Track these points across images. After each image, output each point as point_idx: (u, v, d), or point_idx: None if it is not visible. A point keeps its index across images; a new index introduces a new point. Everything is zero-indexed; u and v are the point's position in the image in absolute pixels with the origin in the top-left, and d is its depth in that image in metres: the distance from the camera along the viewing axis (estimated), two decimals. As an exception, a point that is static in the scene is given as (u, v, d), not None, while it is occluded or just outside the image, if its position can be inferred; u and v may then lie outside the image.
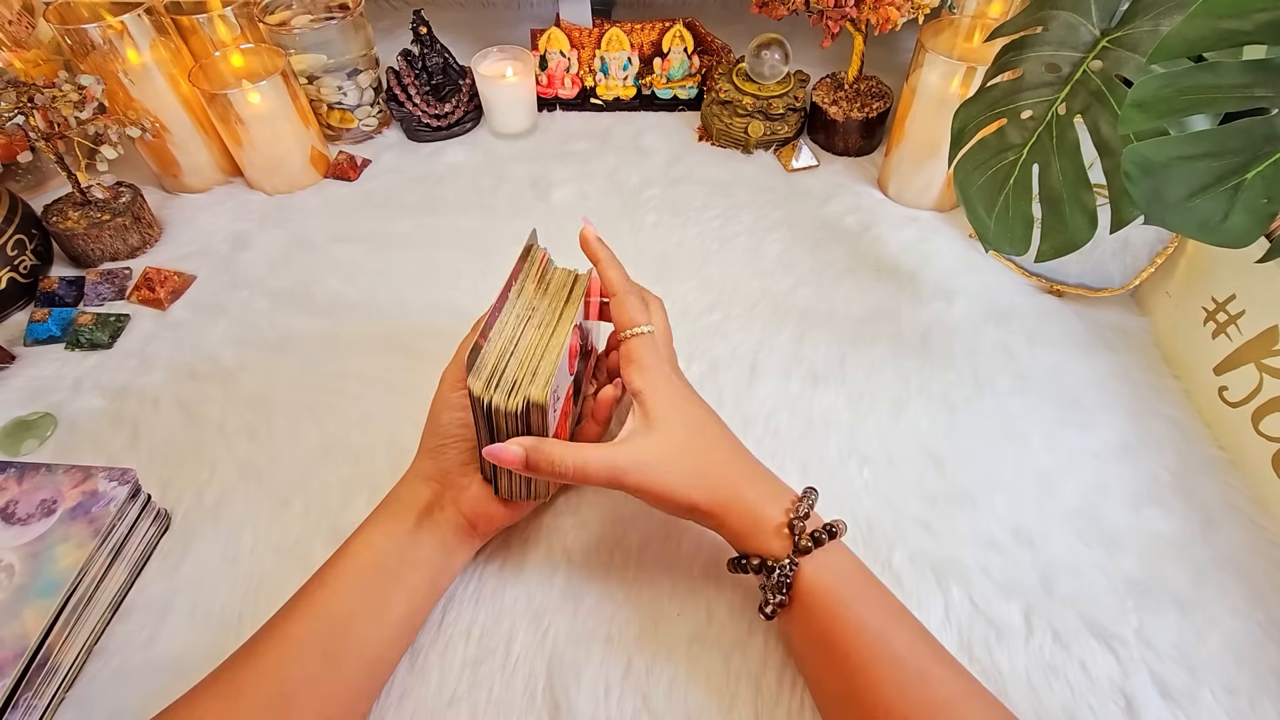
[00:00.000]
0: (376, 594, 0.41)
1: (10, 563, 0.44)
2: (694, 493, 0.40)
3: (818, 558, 0.38)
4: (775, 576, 0.38)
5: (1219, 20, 0.33)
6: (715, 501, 0.40)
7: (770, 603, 0.39)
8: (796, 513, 0.39)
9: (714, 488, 0.40)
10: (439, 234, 0.74)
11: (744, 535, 0.40)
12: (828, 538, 0.38)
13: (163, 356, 0.63)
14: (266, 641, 0.39)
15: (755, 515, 0.40)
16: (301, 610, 0.40)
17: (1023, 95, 0.51)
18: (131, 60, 0.71)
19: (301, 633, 0.39)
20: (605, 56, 0.87)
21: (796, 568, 0.38)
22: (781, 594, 0.38)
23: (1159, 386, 0.59)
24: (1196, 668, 0.43)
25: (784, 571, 0.38)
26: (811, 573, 0.38)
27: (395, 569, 0.42)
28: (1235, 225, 0.36)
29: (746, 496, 0.40)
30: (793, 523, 0.39)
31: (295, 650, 0.38)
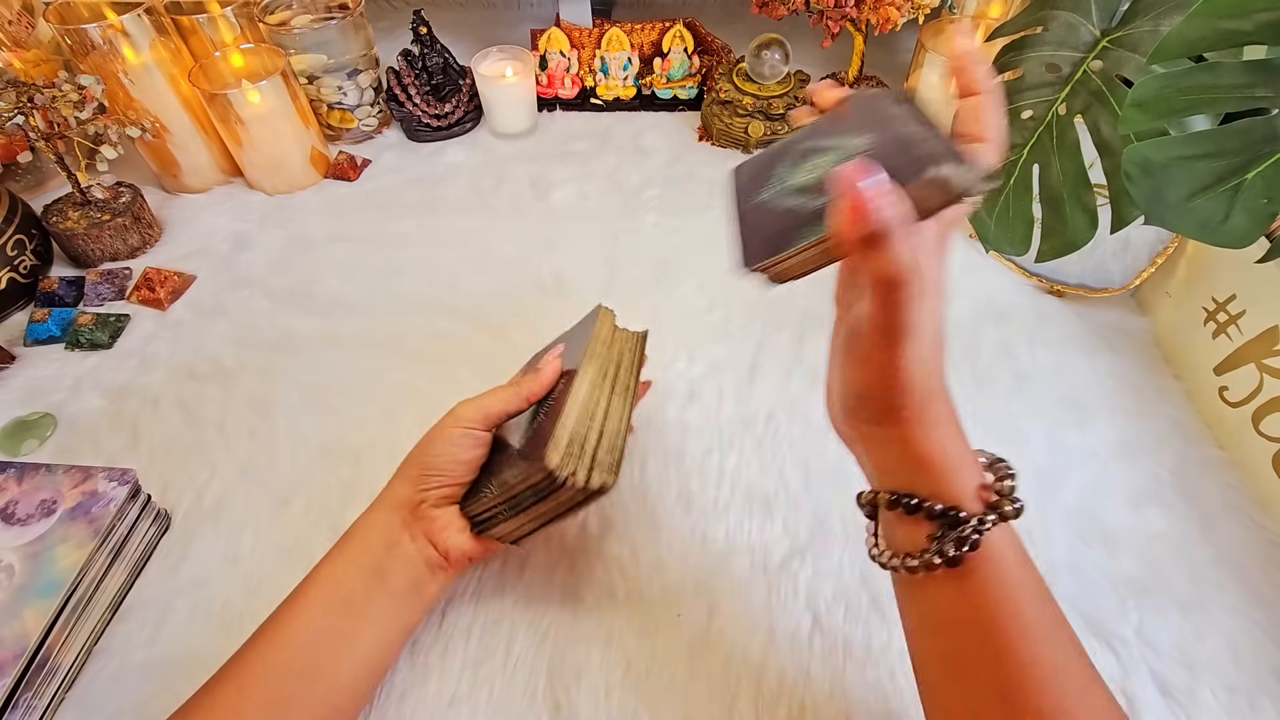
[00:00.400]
0: (342, 632, 0.39)
1: (10, 563, 0.44)
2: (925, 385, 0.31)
3: (1004, 531, 0.32)
4: (965, 531, 0.31)
5: (1219, 20, 0.33)
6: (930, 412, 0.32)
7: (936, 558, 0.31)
8: (1001, 471, 0.33)
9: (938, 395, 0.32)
10: (439, 234, 0.74)
11: (932, 470, 0.32)
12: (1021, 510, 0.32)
13: (163, 356, 0.63)
14: (225, 686, 0.37)
15: (961, 452, 0.33)
16: (260, 651, 0.38)
17: (1023, 95, 0.51)
18: (131, 60, 0.71)
19: (261, 674, 0.37)
20: (605, 56, 0.87)
21: (988, 530, 0.31)
22: (960, 550, 0.31)
23: (1159, 386, 0.59)
24: (1196, 667, 0.43)
25: (975, 529, 0.31)
26: (999, 544, 0.31)
27: (362, 605, 0.40)
28: (1235, 225, 0.37)
29: (957, 426, 0.33)
30: (999, 480, 0.33)
31: (255, 693, 0.36)
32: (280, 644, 0.38)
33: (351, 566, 0.41)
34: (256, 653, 0.38)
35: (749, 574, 0.48)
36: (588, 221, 0.75)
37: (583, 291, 0.68)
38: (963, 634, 0.32)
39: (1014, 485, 0.33)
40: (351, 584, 0.40)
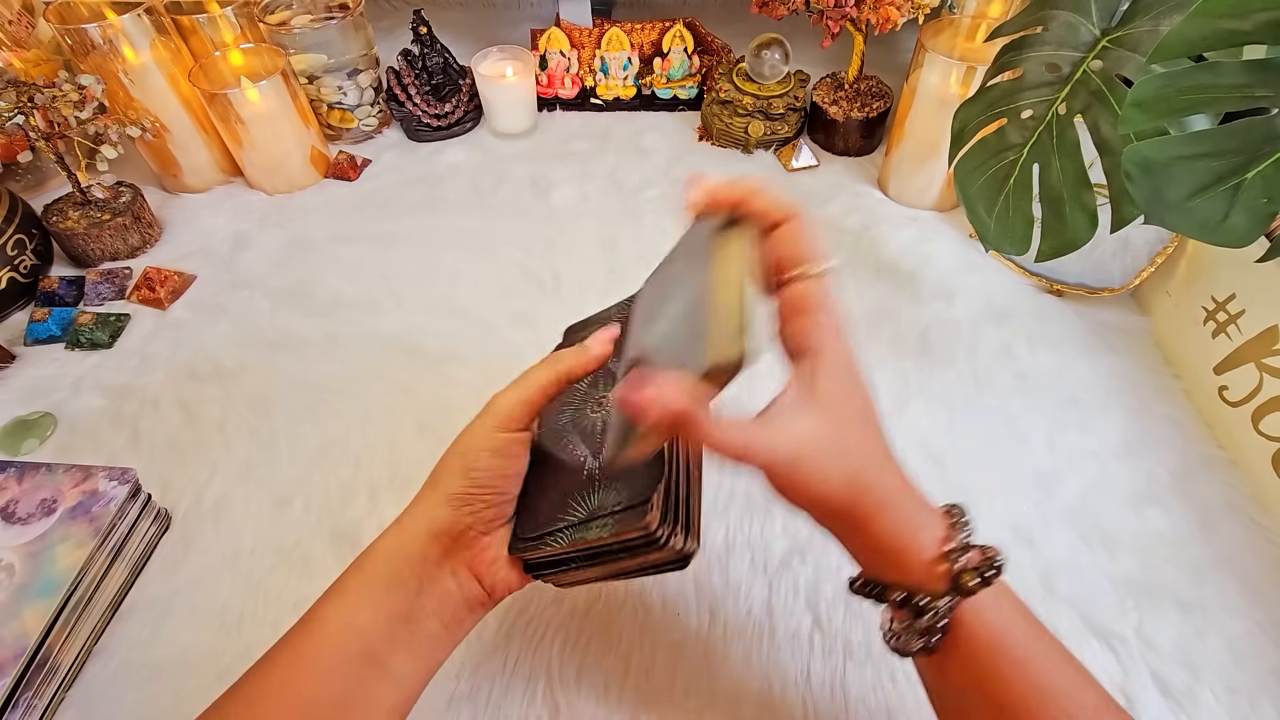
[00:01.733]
0: (360, 693, 0.32)
1: (10, 563, 0.44)
2: (843, 496, 0.31)
3: (981, 597, 0.30)
4: (926, 619, 0.31)
5: (1219, 20, 0.33)
6: (861, 511, 0.31)
7: (912, 644, 0.31)
8: (955, 542, 0.31)
9: (864, 494, 0.31)
10: (439, 234, 0.74)
11: (886, 557, 0.32)
12: (994, 574, 0.31)
13: (163, 356, 0.63)
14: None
15: (906, 538, 0.31)
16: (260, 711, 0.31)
17: (1023, 95, 0.51)
18: (131, 60, 0.71)
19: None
20: (605, 56, 0.87)
21: (954, 609, 0.30)
22: (929, 638, 0.31)
23: (1159, 386, 0.59)
24: (1196, 667, 0.43)
25: (939, 614, 0.30)
26: (973, 616, 0.30)
27: (386, 658, 0.33)
28: (1235, 225, 0.36)
29: (897, 511, 0.32)
30: (950, 554, 0.31)
31: None
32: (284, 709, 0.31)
33: (375, 610, 0.33)
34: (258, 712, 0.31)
35: (749, 574, 0.48)
36: (588, 221, 0.75)
37: (583, 291, 0.68)
38: (969, 705, 0.32)
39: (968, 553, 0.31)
40: (374, 634, 0.32)
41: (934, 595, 0.31)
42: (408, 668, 0.33)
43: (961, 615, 0.30)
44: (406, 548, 0.34)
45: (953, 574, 0.31)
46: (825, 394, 0.31)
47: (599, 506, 0.34)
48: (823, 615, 0.46)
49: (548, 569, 0.36)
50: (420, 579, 0.34)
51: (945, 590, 0.30)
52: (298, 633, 0.33)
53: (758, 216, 0.33)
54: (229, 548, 0.50)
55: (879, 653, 0.44)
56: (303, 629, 0.33)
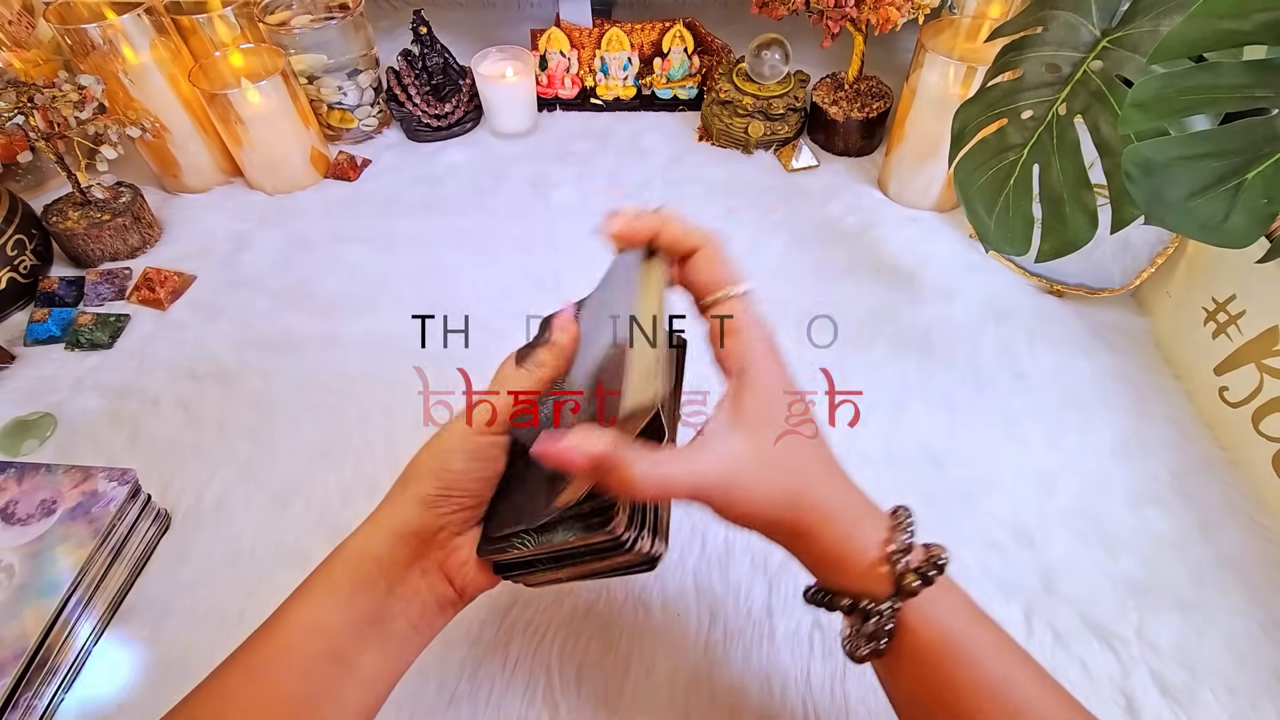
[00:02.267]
0: (325, 694, 0.32)
1: (10, 563, 0.44)
2: (782, 511, 0.31)
3: (924, 598, 0.31)
4: (873, 624, 0.31)
5: (1219, 20, 0.33)
6: (803, 523, 0.32)
7: (861, 649, 0.32)
8: (896, 543, 0.32)
9: (804, 507, 0.32)
10: (439, 234, 0.74)
11: (831, 566, 0.32)
12: (936, 573, 0.31)
13: (163, 356, 0.63)
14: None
15: (847, 545, 0.32)
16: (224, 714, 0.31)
17: (1023, 95, 0.51)
18: (131, 60, 0.71)
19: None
20: (605, 56, 0.87)
21: (898, 612, 0.31)
22: (878, 642, 0.31)
23: (1159, 386, 0.59)
24: (1196, 667, 0.43)
25: (884, 617, 0.31)
26: (916, 617, 0.31)
27: (353, 658, 0.32)
28: (1235, 225, 0.36)
29: (837, 520, 0.32)
30: (892, 555, 0.31)
31: None
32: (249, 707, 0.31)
33: (342, 610, 0.32)
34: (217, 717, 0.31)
35: (749, 574, 0.48)
36: (588, 221, 0.75)
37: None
38: (922, 707, 0.32)
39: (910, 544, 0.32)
40: (341, 633, 0.32)
41: (878, 599, 0.31)
42: (375, 668, 0.33)
43: (906, 617, 0.31)
44: (375, 549, 0.34)
45: (895, 576, 0.31)
46: (751, 413, 0.32)
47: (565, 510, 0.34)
48: (823, 615, 0.46)
49: (516, 570, 0.36)
50: (389, 580, 0.33)
51: (889, 593, 0.31)
52: (263, 631, 0.33)
53: (669, 248, 0.34)
54: (229, 548, 0.50)
55: (879, 653, 0.44)
56: (268, 628, 0.32)
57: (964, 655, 0.31)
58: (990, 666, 0.31)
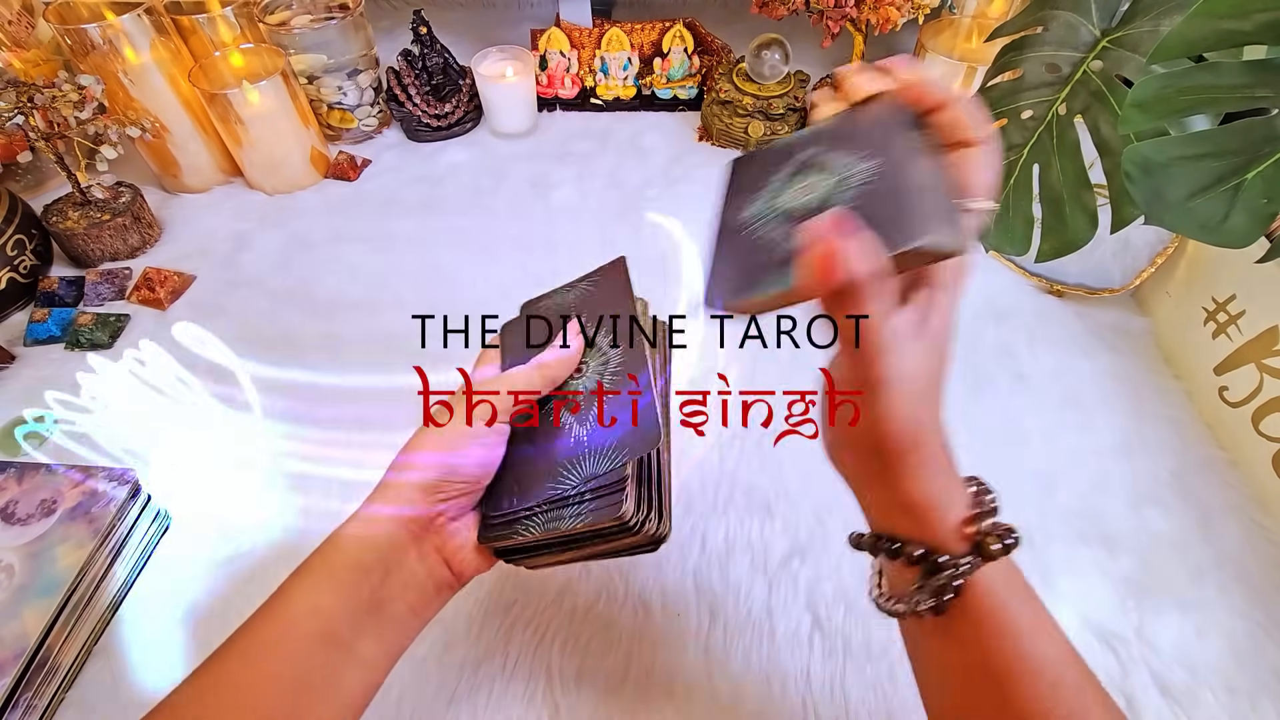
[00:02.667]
0: (323, 676, 0.32)
1: (10, 563, 0.44)
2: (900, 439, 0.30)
3: (996, 567, 0.31)
4: (943, 578, 0.30)
5: (1219, 20, 0.33)
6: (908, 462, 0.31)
7: (922, 603, 0.31)
8: (984, 506, 0.32)
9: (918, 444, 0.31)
10: (439, 234, 0.74)
11: (913, 512, 0.31)
12: (1014, 543, 0.31)
13: (163, 356, 0.63)
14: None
15: (940, 493, 0.31)
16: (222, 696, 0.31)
17: (1023, 95, 0.51)
18: (131, 60, 0.71)
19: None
20: (605, 56, 0.87)
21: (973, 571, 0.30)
22: (941, 598, 0.31)
23: (1159, 386, 0.59)
24: (1196, 667, 0.43)
25: (958, 573, 0.30)
26: (985, 583, 0.30)
27: (350, 641, 0.33)
28: (1235, 225, 0.37)
29: (937, 468, 0.31)
30: (979, 516, 0.31)
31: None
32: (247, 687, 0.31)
33: (341, 594, 0.33)
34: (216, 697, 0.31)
35: (749, 574, 0.48)
36: (588, 221, 0.75)
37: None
38: (964, 683, 0.32)
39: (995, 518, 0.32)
40: (339, 616, 0.33)
41: (955, 555, 0.31)
42: (373, 651, 0.33)
43: (975, 579, 0.30)
44: (374, 534, 0.34)
45: (977, 537, 0.31)
46: (933, 334, 0.30)
47: (572, 495, 0.34)
48: (823, 615, 0.46)
49: (519, 553, 0.37)
50: (387, 565, 0.34)
51: (967, 552, 0.31)
52: (262, 615, 0.33)
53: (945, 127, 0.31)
54: (229, 548, 0.50)
55: (879, 652, 0.44)
56: (266, 612, 0.33)
57: (1018, 628, 0.31)
58: (1039, 645, 0.31)
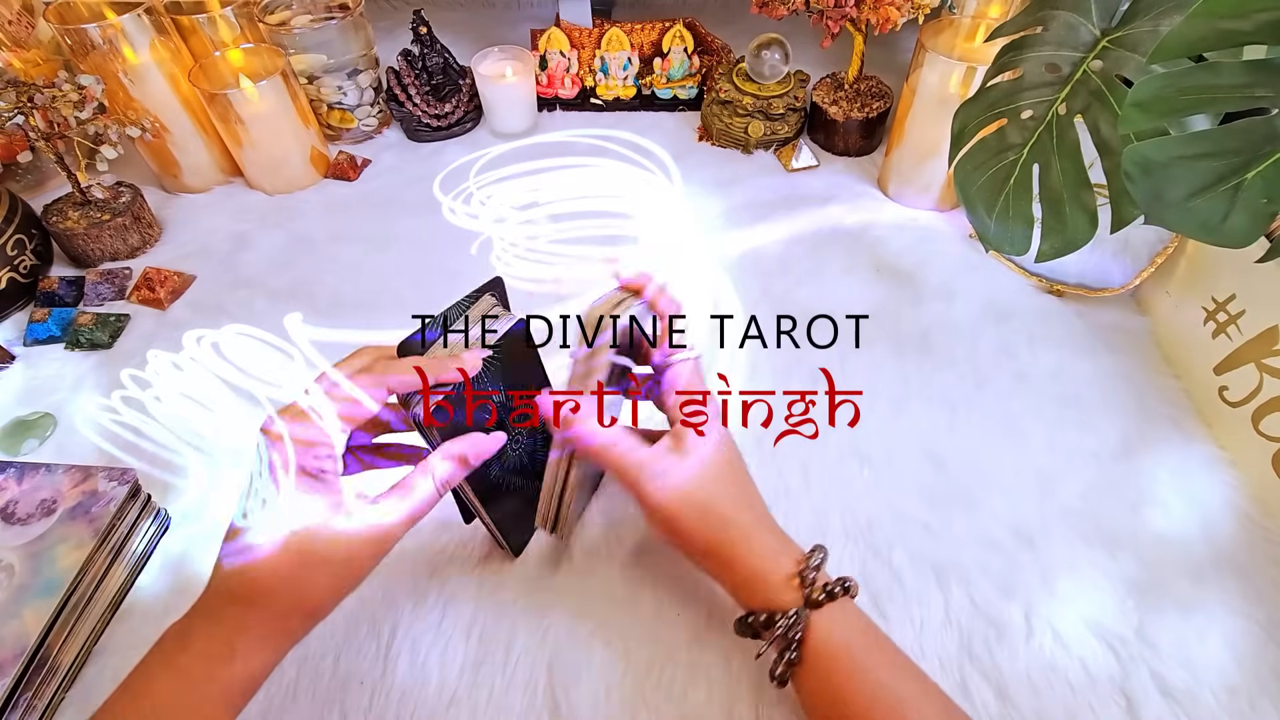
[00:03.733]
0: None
1: (10, 563, 0.44)
2: (705, 528, 0.38)
3: (830, 613, 0.36)
4: (784, 630, 0.36)
5: (1219, 20, 0.33)
6: (723, 542, 0.38)
7: (780, 662, 0.36)
8: (808, 564, 0.37)
9: (725, 526, 0.39)
10: (439, 234, 0.74)
11: (750, 585, 0.38)
12: (841, 592, 0.36)
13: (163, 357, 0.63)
14: None
15: (764, 564, 0.38)
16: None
17: (1023, 95, 0.51)
18: (131, 60, 0.71)
19: None
20: (605, 56, 0.87)
21: (807, 621, 0.36)
22: (792, 651, 0.36)
23: (1159, 386, 0.59)
24: (1196, 667, 0.43)
25: (794, 625, 0.36)
26: (824, 629, 0.36)
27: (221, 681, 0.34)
28: (1235, 225, 0.36)
29: (756, 544, 0.39)
30: (803, 573, 0.37)
31: None
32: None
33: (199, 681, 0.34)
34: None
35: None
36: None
37: (583, 291, 0.67)
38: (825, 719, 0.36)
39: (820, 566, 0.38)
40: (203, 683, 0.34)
41: (786, 610, 0.36)
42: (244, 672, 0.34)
43: (814, 629, 0.36)
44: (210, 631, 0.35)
45: (805, 590, 0.36)
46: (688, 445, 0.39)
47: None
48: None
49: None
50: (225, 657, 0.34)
51: (798, 605, 0.36)
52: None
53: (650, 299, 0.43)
54: (229, 548, 0.50)
55: (879, 653, 0.44)
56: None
57: (868, 661, 0.35)
58: (886, 679, 0.35)
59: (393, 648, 0.45)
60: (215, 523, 0.52)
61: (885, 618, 0.46)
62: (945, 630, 0.45)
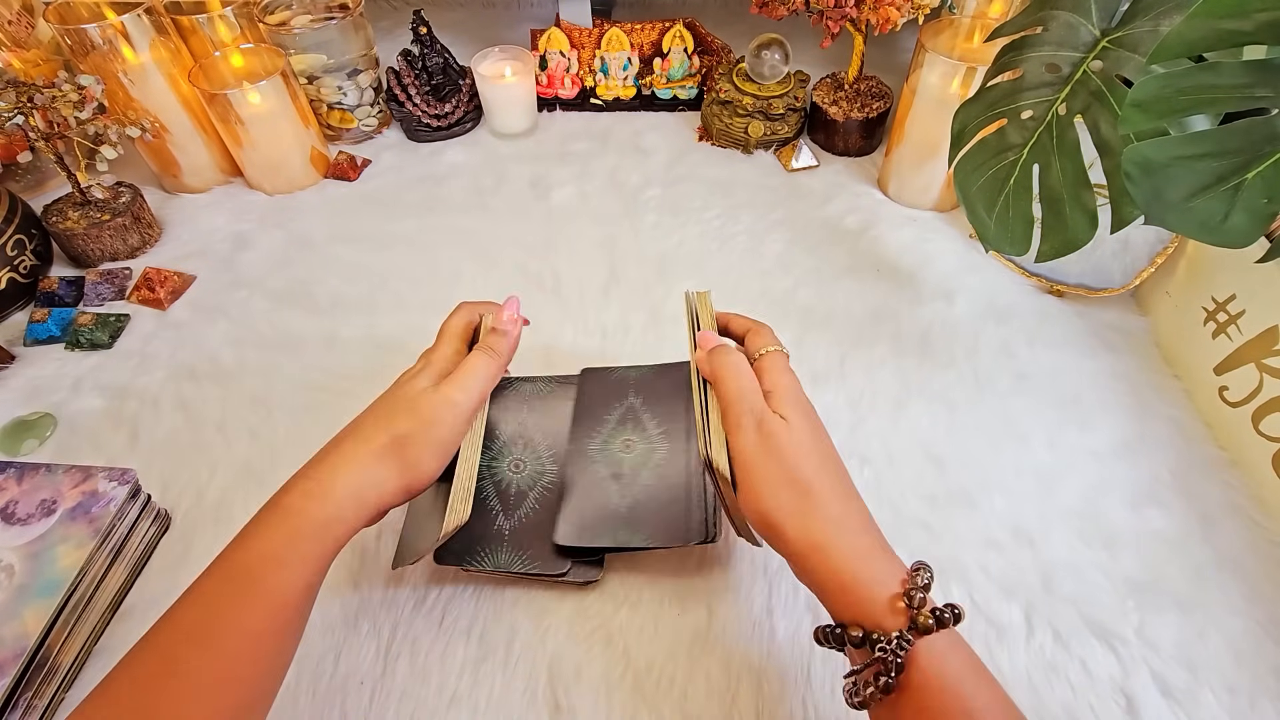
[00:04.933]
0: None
1: (10, 563, 0.44)
2: (787, 515, 0.36)
3: (937, 642, 0.32)
4: (885, 652, 0.31)
5: (1219, 20, 0.33)
6: (810, 539, 0.35)
7: (872, 685, 0.32)
8: (914, 583, 0.33)
9: (813, 520, 0.35)
10: (439, 234, 0.74)
11: (847, 594, 0.34)
12: (952, 619, 0.32)
13: (163, 356, 0.63)
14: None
15: (865, 576, 0.34)
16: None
17: (1023, 95, 0.51)
18: (131, 60, 0.71)
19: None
20: (605, 56, 0.87)
21: (910, 646, 0.31)
22: (889, 676, 0.31)
23: (1159, 386, 0.59)
24: (1197, 667, 0.43)
25: (896, 648, 0.31)
26: (928, 658, 0.31)
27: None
28: (1235, 225, 0.37)
29: (856, 549, 0.35)
30: (910, 593, 0.33)
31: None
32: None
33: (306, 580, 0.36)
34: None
35: (749, 574, 0.48)
36: (588, 221, 0.75)
37: (583, 291, 0.68)
38: None
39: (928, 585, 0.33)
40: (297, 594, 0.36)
41: (890, 633, 0.32)
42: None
43: (916, 657, 0.31)
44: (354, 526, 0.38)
45: (911, 611, 0.32)
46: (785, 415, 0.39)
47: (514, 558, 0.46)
48: (823, 615, 0.46)
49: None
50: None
51: (903, 628, 0.32)
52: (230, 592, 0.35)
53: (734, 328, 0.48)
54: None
55: (879, 653, 0.44)
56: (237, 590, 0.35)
57: (974, 700, 0.31)
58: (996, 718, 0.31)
59: (392, 648, 0.45)
60: (215, 522, 0.52)
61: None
62: (945, 630, 0.45)
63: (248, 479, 0.54)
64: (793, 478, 0.36)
